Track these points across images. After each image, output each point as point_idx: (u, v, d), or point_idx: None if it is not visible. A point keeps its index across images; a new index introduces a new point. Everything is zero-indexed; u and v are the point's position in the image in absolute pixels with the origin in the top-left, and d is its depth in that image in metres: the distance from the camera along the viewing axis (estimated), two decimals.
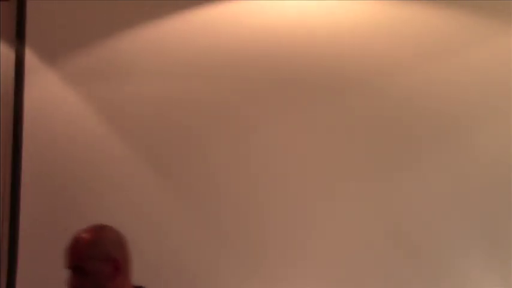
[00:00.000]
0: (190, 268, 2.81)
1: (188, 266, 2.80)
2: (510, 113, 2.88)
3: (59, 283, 2.85)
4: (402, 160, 2.89)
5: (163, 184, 2.89)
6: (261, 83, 2.92)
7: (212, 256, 2.85)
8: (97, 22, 2.95)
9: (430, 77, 2.91)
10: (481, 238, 2.84)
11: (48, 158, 2.90)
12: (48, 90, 2.93)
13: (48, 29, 2.95)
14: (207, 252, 2.85)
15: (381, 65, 2.91)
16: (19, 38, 2.95)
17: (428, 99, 2.90)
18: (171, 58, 2.93)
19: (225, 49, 2.93)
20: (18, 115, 2.91)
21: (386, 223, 2.86)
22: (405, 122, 2.90)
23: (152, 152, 2.90)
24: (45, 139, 2.90)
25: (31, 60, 2.93)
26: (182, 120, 2.91)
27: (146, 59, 2.93)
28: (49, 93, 2.92)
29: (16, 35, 2.95)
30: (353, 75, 2.91)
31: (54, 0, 2.96)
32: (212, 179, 2.89)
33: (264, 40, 2.93)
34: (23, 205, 2.88)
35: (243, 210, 2.87)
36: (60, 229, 2.87)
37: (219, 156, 2.89)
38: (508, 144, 2.87)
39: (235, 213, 2.87)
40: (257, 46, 2.93)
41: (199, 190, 2.88)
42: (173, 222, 2.86)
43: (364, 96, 2.91)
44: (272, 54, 2.92)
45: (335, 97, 2.91)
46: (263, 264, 2.85)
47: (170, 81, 2.92)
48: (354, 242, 2.85)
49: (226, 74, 2.93)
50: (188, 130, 2.91)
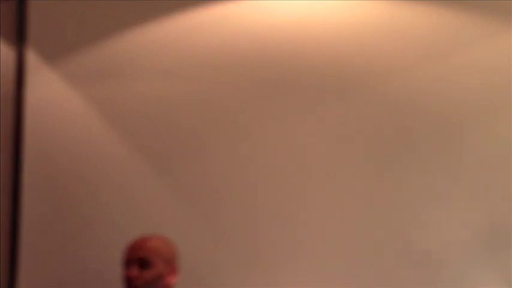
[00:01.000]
0: (190, 267, 2.81)
1: (188, 265, 2.80)
2: (510, 113, 2.88)
3: (60, 283, 2.87)
4: (402, 160, 2.89)
5: (165, 184, 2.89)
6: (262, 84, 2.92)
7: (212, 255, 2.86)
8: (98, 22, 2.95)
9: (431, 77, 2.91)
10: (481, 238, 2.84)
11: (49, 158, 2.90)
12: (49, 90, 2.93)
13: (49, 29, 2.95)
14: (207, 251, 2.86)
15: (382, 65, 2.91)
16: (20, 38, 2.95)
17: (429, 99, 2.90)
18: (173, 58, 2.93)
19: (227, 49, 2.93)
20: (19, 115, 2.92)
21: (386, 223, 2.86)
22: (405, 122, 2.90)
23: (154, 152, 2.90)
24: (46, 139, 2.91)
25: (32, 60, 2.93)
26: (184, 120, 2.92)
27: (148, 59, 2.93)
28: (50, 93, 2.93)
29: (17, 35, 2.95)
30: (354, 75, 2.91)
31: (55, 0, 2.96)
32: (213, 179, 2.89)
33: (266, 40, 2.93)
34: (24, 205, 2.88)
35: (243, 210, 2.88)
36: (61, 229, 2.89)
37: (220, 156, 2.90)
38: (508, 144, 2.87)
39: (235, 213, 2.88)
40: (258, 46, 2.93)
41: (200, 190, 2.89)
42: (174, 222, 2.87)
43: (365, 96, 2.91)
44: (274, 54, 2.92)
45: (336, 97, 2.91)
46: (263, 263, 2.85)
47: (172, 81, 2.93)
48: (353, 242, 2.85)
49: (227, 75, 2.93)
50: (190, 130, 2.91)
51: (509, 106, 2.88)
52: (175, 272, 2.45)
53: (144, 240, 2.44)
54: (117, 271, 2.75)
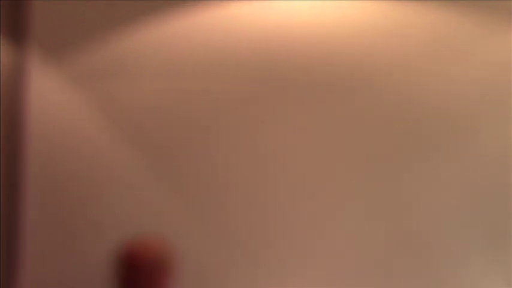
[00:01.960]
0: (193, 266, 2.82)
1: (192, 265, 2.80)
2: (510, 113, 2.89)
3: (61, 283, 2.86)
4: (403, 160, 2.89)
5: (168, 183, 2.89)
6: (265, 83, 2.92)
7: (216, 254, 2.86)
8: (99, 21, 2.95)
9: (432, 77, 2.91)
10: (482, 238, 2.85)
11: (50, 158, 2.90)
12: (49, 90, 2.92)
13: (50, 29, 2.95)
14: (212, 250, 2.86)
15: (383, 65, 2.92)
16: (21, 38, 2.94)
17: (429, 98, 2.90)
18: (176, 57, 2.93)
19: (230, 48, 2.93)
20: (19, 116, 2.92)
21: (388, 223, 2.86)
22: (407, 122, 2.90)
23: (157, 151, 2.90)
24: (47, 139, 2.90)
25: (32, 60, 2.93)
26: (187, 119, 2.91)
27: (150, 59, 2.93)
28: (50, 93, 2.92)
29: (17, 35, 2.95)
30: (356, 75, 2.92)
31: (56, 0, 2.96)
32: (218, 178, 2.89)
33: (269, 40, 2.93)
34: (25, 205, 2.88)
35: (246, 209, 2.88)
36: (62, 229, 2.88)
37: (224, 155, 2.90)
38: (508, 144, 2.87)
39: (238, 211, 2.88)
40: (261, 46, 2.93)
41: (205, 190, 2.88)
42: (178, 221, 2.87)
43: (367, 95, 2.91)
44: (277, 53, 2.92)
45: (340, 96, 2.92)
46: (266, 262, 2.86)
47: (175, 80, 2.93)
48: (356, 241, 2.85)
49: (230, 73, 2.93)
50: (193, 129, 2.91)
51: (509, 106, 2.89)
52: (167, 277, 2.49)
53: (143, 246, 2.46)
54: None
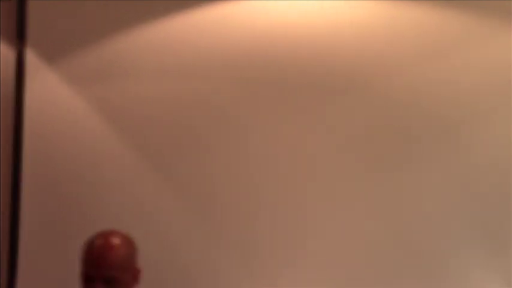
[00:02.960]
0: (190, 267, 2.82)
1: (188, 266, 2.81)
2: (510, 113, 2.88)
3: (59, 283, 2.86)
4: (402, 160, 2.89)
5: (165, 184, 2.89)
6: (263, 84, 2.92)
7: (212, 256, 2.86)
8: (98, 22, 2.95)
9: (431, 77, 2.91)
10: (482, 238, 2.84)
11: (49, 158, 2.90)
12: (49, 90, 2.93)
13: (49, 29, 2.95)
14: (208, 252, 2.86)
15: (381, 66, 2.92)
16: (20, 38, 2.95)
17: (428, 99, 2.90)
18: (173, 58, 2.93)
19: (226, 49, 2.93)
20: (19, 115, 2.92)
21: (386, 224, 2.86)
22: (405, 123, 2.90)
23: (154, 152, 2.91)
24: (46, 139, 2.91)
25: (32, 60, 2.93)
26: (184, 120, 2.92)
27: (148, 60, 2.93)
28: (50, 93, 2.93)
29: (17, 35, 2.95)
30: (353, 75, 2.91)
31: (55, 0, 2.96)
32: (215, 180, 2.89)
33: (267, 40, 2.93)
34: (24, 205, 2.88)
35: (243, 210, 2.88)
36: (61, 229, 2.89)
37: (220, 156, 2.90)
38: (508, 144, 2.87)
39: (235, 213, 2.88)
40: (259, 47, 2.93)
41: (200, 190, 2.89)
42: (174, 221, 2.87)
43: (364, 96, 2.91)
44: (275, 54, 2.92)
45: (336, 98, 2.92)
46: (263, 263, 2.85)
47: (172, 81, 2.93)
48: (354, 242, 2.85)
49: (227, 75, 2.93)
50: (191, 130, 2.91)
51: (509, 106, 2.88)
52: (136, 279, 2.33)
53: (107, 252, 2.28)
54: None
